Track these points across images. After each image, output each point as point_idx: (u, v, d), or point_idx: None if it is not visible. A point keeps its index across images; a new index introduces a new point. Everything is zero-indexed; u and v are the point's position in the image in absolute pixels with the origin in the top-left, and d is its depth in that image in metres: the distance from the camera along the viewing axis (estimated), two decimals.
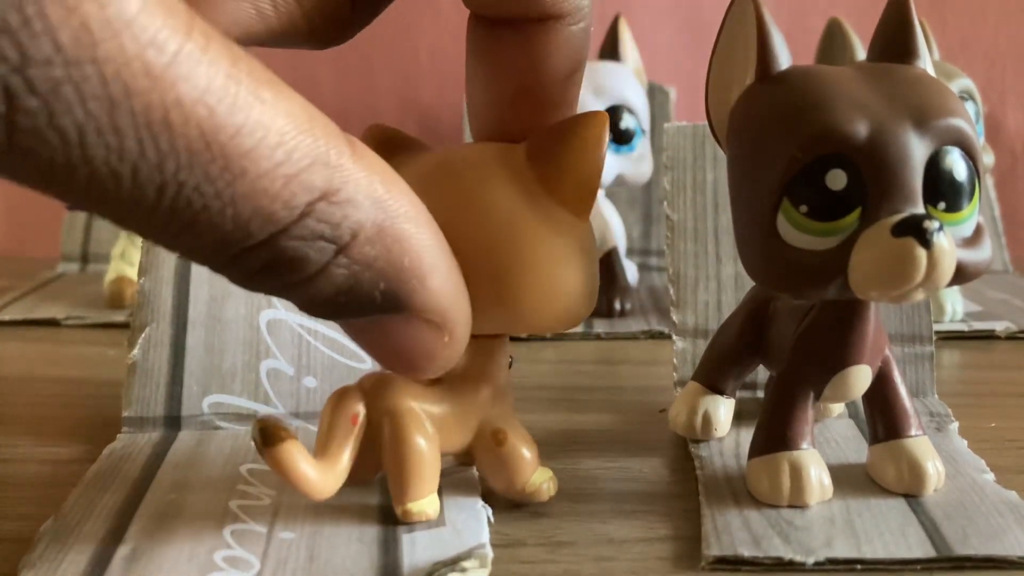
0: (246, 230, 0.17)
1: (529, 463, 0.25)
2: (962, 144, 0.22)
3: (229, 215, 0.17)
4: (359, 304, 0.20)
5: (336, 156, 0.18)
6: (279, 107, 0.17)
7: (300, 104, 0.17)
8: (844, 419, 0.31)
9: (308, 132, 0.17)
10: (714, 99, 0.26)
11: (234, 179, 0.16)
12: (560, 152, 0.23)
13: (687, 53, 0.65)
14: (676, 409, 0.30)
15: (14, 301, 0.49)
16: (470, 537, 0.23)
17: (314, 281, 0.18)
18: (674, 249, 0.34)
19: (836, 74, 0.23)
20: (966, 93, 0.44)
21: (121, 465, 0.27)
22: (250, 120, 0.16)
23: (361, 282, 0.19)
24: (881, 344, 0.26)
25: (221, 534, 0.23)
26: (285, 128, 0.17)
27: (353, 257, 0.18)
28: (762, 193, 0.23)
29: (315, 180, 0.17)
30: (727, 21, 0.25)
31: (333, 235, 0.18)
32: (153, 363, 0.31)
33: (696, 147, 0.34)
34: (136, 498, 0.25)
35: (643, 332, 0.44)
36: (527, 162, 0.23)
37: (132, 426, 0.30)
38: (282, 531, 0.24)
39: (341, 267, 0.18)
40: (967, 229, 0.23)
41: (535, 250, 0.22)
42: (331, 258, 0.18)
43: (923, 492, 0.25)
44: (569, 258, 0.23)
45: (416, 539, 0.23)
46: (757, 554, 0.22)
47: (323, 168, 0.17)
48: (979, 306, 0.47)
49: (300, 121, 0.17)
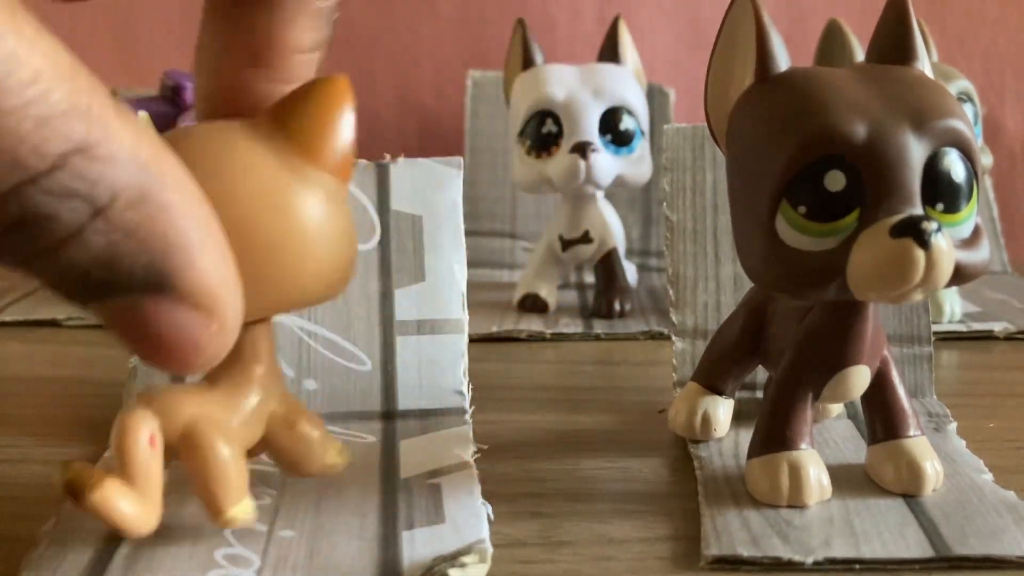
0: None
1: (320, 441, 0.25)
2: (960, 145, 0.23)
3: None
4: (117, 280, 0.17)
5: (99, 109, 0.16)
6: (39, 46, 0.15)
7: (64, 52, 0.16)
8: (843, 419, 0.31)
9: (69, 78, 0.16)
10: (713, 101, 0.26)
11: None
12: (309, 111, 0.22)
13: (686, 54, 0.65)
14: (675, 409, 0.30)
15: (15, 302, 0.49)
16: (470, 533, 0.23)
17: (66, 247, 0.16)
18: (673, 250, 0.34)
19: (835, 76, 0.24)
20: (965, 94, 0.44)
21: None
22: (2, 50, 0.15)
23: (121, 253, 0.17)
24: (880, 345, 0.26)
25: (222, 532, 0.24)
26: (43, 66, 0.15)
27: (112, 222, 0.16)
28: (761, 194, 0.23)
29: (72, 129, 0.16)
30: (726, 23, 0.25)
31: (89, 193, 0.16)
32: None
33: (695, 148, 0.34)
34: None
35: (643, 333, 0.44)
36: (276, 128, 0.22)
37: None
38: (282, 529, 0.24)
39: (98, 232, 0.16)
40: (965, 230, 0.23)
41: (303, 216, 0.21)
42: (86, 220, 0.16)
43: (922, 492, 0.25)
44: (335, 224, 0.22)
45: (416, 536, 0.23)
46: (756, 554, 0.22)
47: (82, 118, 0.16)
48: (978, 307, 0.47)
49: (62, 66, 0.16)
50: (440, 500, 0.25)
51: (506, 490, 0.27)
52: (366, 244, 0.32)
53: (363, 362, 0.31)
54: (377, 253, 0.32)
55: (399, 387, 0.31)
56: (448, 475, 0.27)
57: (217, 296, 0.18)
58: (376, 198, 0.32)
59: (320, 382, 0.31)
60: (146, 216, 0.17)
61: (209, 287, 0.18)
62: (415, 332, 0.32)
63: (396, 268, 0.32)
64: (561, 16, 0.66)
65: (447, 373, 0.32)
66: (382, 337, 0.32)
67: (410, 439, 0.30)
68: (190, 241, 0.18)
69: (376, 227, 0.32)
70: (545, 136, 0.46)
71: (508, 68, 0.50)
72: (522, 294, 0.48)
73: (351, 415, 0.31)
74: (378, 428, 0.30)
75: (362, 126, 0.23)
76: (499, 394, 0.36)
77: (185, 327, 0.18)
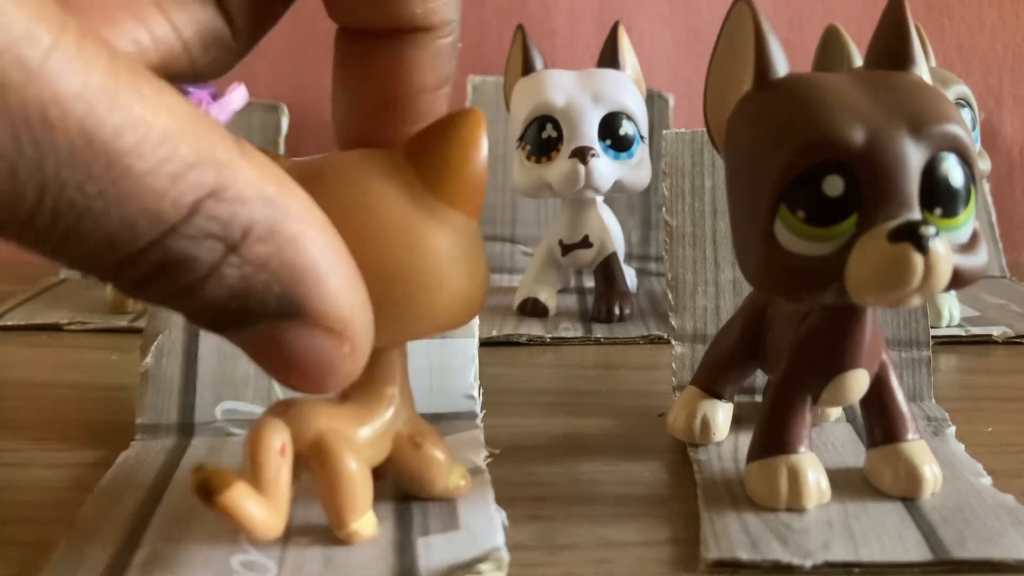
0: (133, 230, 0.16)
1: (445, 464, 0.25)
2: (958, 150, 0.23)
3: (115, 215, 0.16)
4: (253, 310, 0.18)
5: (224, 153, 0.17)
6: (161, 104, 0.16)
7: (183, 103, 0.17)
8: (842, 423, 0.31)
9: (193, 129, 0.17)
10: (712, 106, 0.26)
11: (118, 177, 0.16)
12: (440, 152, 0.22)
13: (686, 60, 0.66)
14: (675, 413, 0.30)
15: (17, 306, 0.49)
16: (485, 540, 0.23)
17: (205, 284, 0.18)
18: (673, 255, 0.34)
19: (833, 81, 0.24)
20: (963, 99, 0.44)
21: (136, 471, 0.28)
22: (131, 116, 0.16)
23: (254, 285, 0.18)
24: (878, 349, 0.26)
25: (238, 539, 0.24)
26: (169, 124, 0.16)
27: (245, 256, 0.18)
28: (760, 199, 0.23)
29: (203, 177, 0.17)
30: (725, 28, 0.25)
31: (223, 233, 0.17)
32: (166, 370, 0.31)
33: (694, 153, 0.34)
34: (152, 503, 0.26)
35: (642, 337, 0.44)
36: (408, 164, 0.23)
37: (146, 433, 0.30)
38: (298, 536, 0.24)
39: (233, 267, 0.18)
40: (963, 234, 0.23)
41: (428, 251, 0.22)
42: (222, 257, 0.17)
43: (920, 496, 0.25)
44: (461, 256, 0.23)
45: (431, 543, 0.23)
46: (755, 557, 0.23)
47: (211, 165, 0.17)
48: (976, 311, 0.47)
49: (184, 118, 0.17)
50: (455, 507, 0.25)
51: (506, 493, 0.27)
52: None
53: None
54: None
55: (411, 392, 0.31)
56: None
57: (347, 320, 0.19)
58: None
59: None
60: (276, 248, 0.18)
61: (339, 312, 0.19)
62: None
63: None
64: (561, 22, 0.66)
65: (458, 377, 0.32)
66: None
67: None
68: (319, 269, 0.19)
69: None
70: (545, 141, 0.46)
71: (508, 74, 0.50)
72: (522, 298, 0.48)
73: None
74: None
75: None
76: (499, 398, 0.36)
77: (318, 350, 0.19)
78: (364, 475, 0.24)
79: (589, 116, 0.46)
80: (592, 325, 0.46)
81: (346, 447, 0.23)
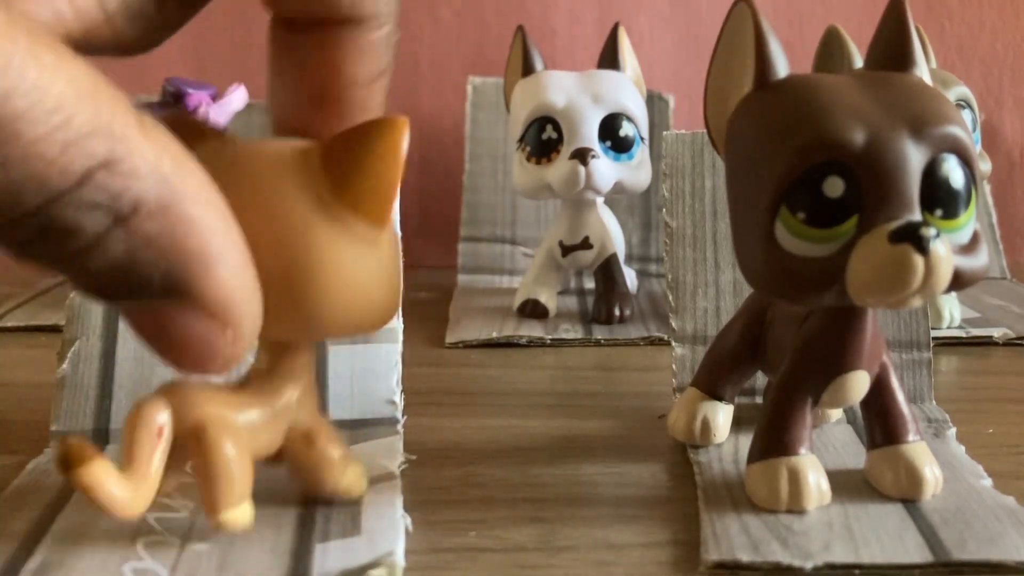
0: (19, 196, 0.16)
1: (338, 462, 0.25)
2: (959, 151, 0.23)
3: (0, 179, 0.16)
4: (137, 286, 0.18)
5: (121, 126, 0.17)
6: (60, 71, 0.16)
7: (86, 72, 0.17)
8: (842, 425, 0.31)
9: (91, 99, 0.16)
10: (712, 107, 0.26)
11: (6, 140, 0.16)
12: (353, 159, 0.22)
13: (686, 61, 0.66)
14: (675, 415, 0.30)
15: (16, 308, 0.49)
16: (382, 546, 0.23)
17: (88, 253, 0.17)
18: (673, 256, 0.34)
19: (833, 82, 0.24)
20: (963, 101, 0.44)
21: (41, 480, 0.27)
22: (25, 81, 0.15)
23: (139, 261, 0.18)
24: (879, 350, 0.26)
25: (134, 546, 0.23)
26: (65, 92, 0.16)
27: (132, 231, 0.17)
28: (760, 200, 0.23)
29: (96, 147, 0.16)
30: (725, 30, 0.25)
31: (111, 206, 0.17)
32: (83, 376, 0.30)
33: (695, 155, 0.34)
34: (55, 510, 0.25)
35: (642, 338, 0.44)
36: (321, 168, 0.22)
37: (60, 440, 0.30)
38: (196, 543, 0.24)
39: (119, 240, 0.17)
40: (964, 236, 0.23)
41: (323, 258, 0.21)
42: (107, 229, 0.17)
43: (921, 497, 0.25)
44: (360, 267, 0.22)
45: (329, 548, 0.23)
46: (756, 559, 0.23)
47: (106, 137, 0.17)
48: (977, 312, 0.47)
49: (83, 87, 0.16)
50: (359, 512, 0.25)
51: (506, 495, 0.27)
52: None
53: None
54: None
55: (330, 397, 0.31)
56: (371, 486, 0.26)
57: (232, 306, 0.19)
58: None
59: None
60: (166, 226, 0.18)
61: (225, 297, 0.19)
62: (349, 341, 0.31)
63: None
64: (561, 23, 0.66)
65: (380, 382, 0.31)
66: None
67: None
68: (208, 252, 0.18)
69: None
70: (545, 142, 0.46)
71: (508, 75, 0.50)
72: (522, 299, 0.48)
73: None
74: None
75: None
76: (498, 399, 0.36)
77: (200, 333, 0.19)
78: (242, 463, 0.23)
79: (589, 117, 0.45)
80: (592, 327, 0.46)
81: (225, 433, 0.23)
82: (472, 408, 0.34)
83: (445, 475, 0.28)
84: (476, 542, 0.24)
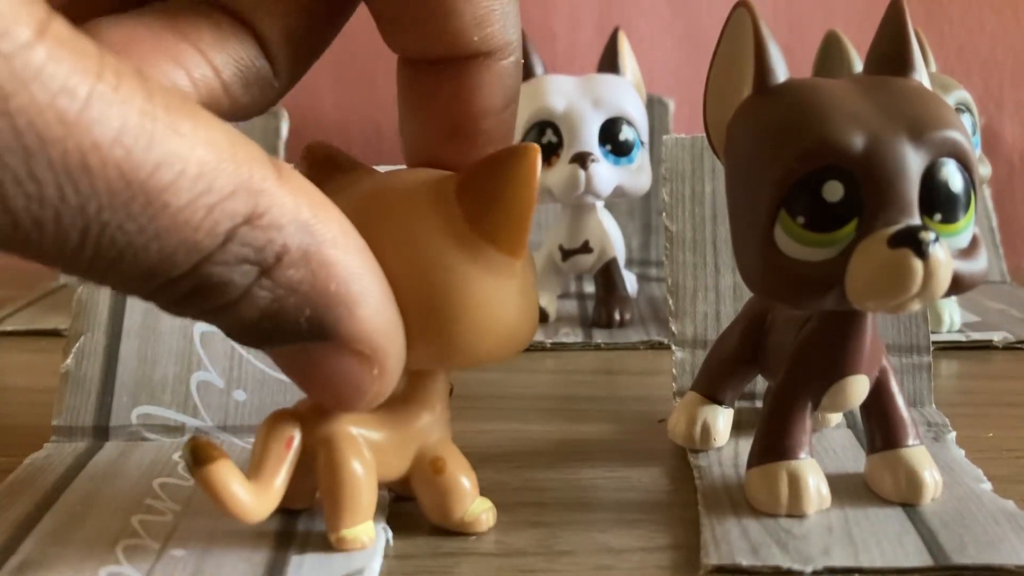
0: (171, 261, 0.17)
1: (468, 493, 0.24)
2: (958, 156, 0.23)
3: (153, 248, 0.17)
4: (284, 331, 0.19)
5: (260, 181, 0.18)
6: (198, 137, 0.17)
7: (222, 131, 0.17)
8: (842, 429, 0.31)
9: (230, 159, 0.17)
10: (712, 111, 0.26)
11: (156, 214, 0.16)
12: (487, 190, 0.22)
13: (686, 65, 0.66)
14: (675, 419, 0.30)
15: (16, 312, 0.49)
16: (358, 561, 0.23)
17: (238, 305, 0.18)
18: (673, 260, 0.34)
19: (833, 87, 0.24)
20: (963, 105, 0.44)
21: (36, 476, 0.27)
22: (168, 154, 0.16)
23: (286, 307, 0.19)
24: (878, 354, 0.26)
25: (113, 549, 0.23)
26: (205, 158, 0.17)
27: (277, 280, 0.18)
28: (759, 204, 0.23)
29: (238, 206, 0.17)
30: (725, 34, 0.25)
31: (257, 258, 0.18)
32: (86, 372, 0.31)
33: (694, 159, 0.34)
34: (44, 508, 0.25)
35: (643, 342, 0.44)
36: (456, 199, 0.22)
37: (61, 435, 0.30)
38: (175, 548, 0.24)
39: (265, 290, 0.18)
40: (963, 240, 0.23)
41: (462, 291, 0.22)
42: (254, 281, 0.18)
43: (920, 501, 0.25)
44: (498, 298, 0.22)
45: (305, 561, 0.23)
46: (755, 563, 0.23)
47: (246, 194, 0.17)
48: (977, 316, 0.47)
49: (221, 149, 0.17)
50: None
51: (506, 499, 0.27)
52: None
53: None
54: None
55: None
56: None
57: (376, 344, 0.20)
58: None
59: (250, 393, 0.31)
60: (308, 272, 0.19)
61: (368, 336, 0.20)
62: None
63: None
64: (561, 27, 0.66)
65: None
66: None
67: None
68: (350, 293, 0.19)
69: None
70: (545, 147, 0.46)
71: None
72: None
73: None
74: None
75: (364, 136, 0.23)
76: (499, 403, 0.36)
77: (347, 372, 0.20)
78: (368, 483, 0.23)
79: (589, 121, 0.46)
80: (593, 330, 0.46)
81: (353, 451, 0.23)
82: (472, 412, 0.34)
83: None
84: (476, 546, 0.24)
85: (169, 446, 0.30)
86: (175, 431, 0.30)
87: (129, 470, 0.28)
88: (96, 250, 0.16)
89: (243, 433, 0.30)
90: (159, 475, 0.28)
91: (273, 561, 0.23)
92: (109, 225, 0.16)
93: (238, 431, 0.30)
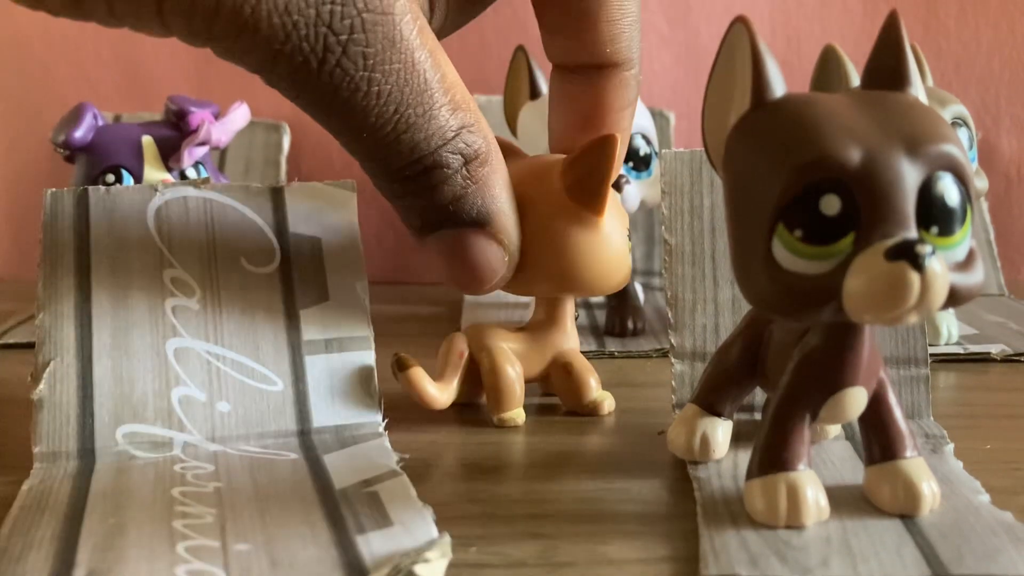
0: (427, 142, 0.27)
1: (591, 385, 0.35)
2: (954, 169, 0.23)
3: (422, 128, 0.26)
4: (461, 214, 0.28)
5: (472, 103, 0.28)
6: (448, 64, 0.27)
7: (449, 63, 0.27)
8: (841, 440, 0.31)
9: (459, 82, 0.27)
10: (710, 126, 0.26)
11: (431, 105, 0.26)
12: (575, 168, 0.31)
13: (685, 79, 0.66)
14: (675, 431, 0.30)
15: (19, 324, 0.49)
16: (422, 533, 0.24)
17: (443, 186, 0.27)
18: (672, 273, 0.34)
19: (830, 101, 0.24)
20: (960, 119, 0.44)
21: (46, 498, 0.27)
22: (440, 68, 0.26)
23: (468, 195, 0.28)
24: (876, 366, 0.26)
25: (175, 551, 0.23)
26: (451, 77, 0.27)
27: (471, 171, 0.28)
28: (757, 218, 0.23)
29: (465, 115, 0.27)
30: (723, 49, 0.25)
31: (466, 152, 0.27)
32: (61, 397, 0.30)
33: (693, 173, 0.34)
34: (75, 525, 0.25)
35: (655, 350, 0.44)
36: (559, 175, 0.31)
37: (44, 461, 0.30)
38: (236, 543, 0.24)
39: (463, 177, 0.27)
40: (960, 253, 0.23)
41: (565, 240, 0.31)
42: (459, 168, 0.27)
43: (919, 513, 0.25)
44: (590, 245, 0.31)
45: (370, 539, 0.24)
46: (754, 574, 0.23)
47: (468, 108, 0.27)
48: (975, 329, 0.47)
49: (456, 76, 0.27)
50: (382, 505, 0.26)
51: (506, 511, 0.27)
52: (267, 267, 0.33)
53: (274, 382, 0.32)
54: (279, 275, 0.33)
55: (312, 405, 0.32)
56: (382, 483, 0.27)
57: (512, 238, 0.30)
58: (273, 221, 0.33)
59: (233, 404, 0.31)
60: (486, 172, 0.28)
61: (508, 229, 0.30)
62: (323, 351, 0.32)
63: (299, 289, 0.33)
64: None
65: (359, 389, 0.32)
66: (291, 357, 0.32)
67: (332, 453, 0.30)
68: (504, 196, 0.29)
69: (276, 250, 0.33)
70: None
71: (510, 95, 0.50)
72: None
73: (266, 434, 0.31)
74: (296, 445, 0.31)
75: None
76: None
77: (491, 255, 0.29)
78: (517, 379, 0.34)
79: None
80: (605, 339, 0.46)
81: (507, 358, 0.34)
82: (473, 423, 0.34)
83: (445, 490, 0.29)
84: (477, 558, 0.24)
85: (164, 462, 0.29)
86: (163, 446, 0.30)
87: (138, 486, 0.28)
88: (394, 125, 0.26)
89: (234, 444, 0.31)
90: (174, 485, 0.28)
91: (340, 542, 0.24)
92: (409, 108, 0.26)
93: (228, 442, 0.31)
